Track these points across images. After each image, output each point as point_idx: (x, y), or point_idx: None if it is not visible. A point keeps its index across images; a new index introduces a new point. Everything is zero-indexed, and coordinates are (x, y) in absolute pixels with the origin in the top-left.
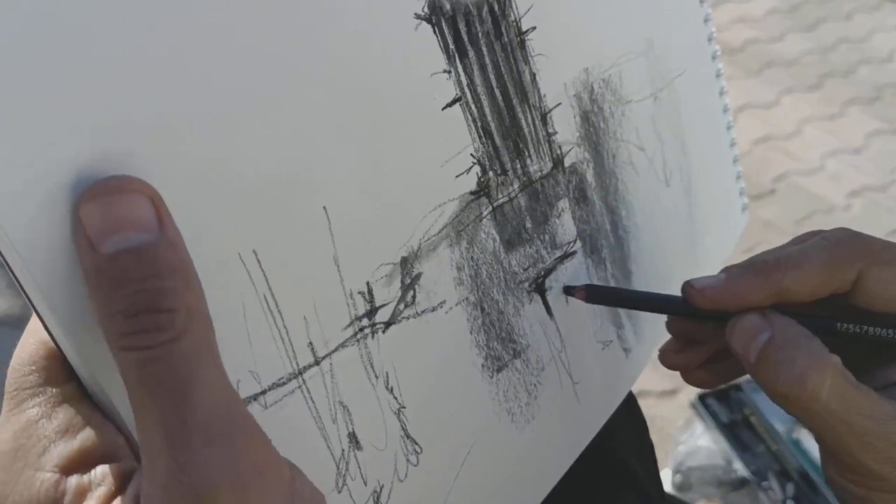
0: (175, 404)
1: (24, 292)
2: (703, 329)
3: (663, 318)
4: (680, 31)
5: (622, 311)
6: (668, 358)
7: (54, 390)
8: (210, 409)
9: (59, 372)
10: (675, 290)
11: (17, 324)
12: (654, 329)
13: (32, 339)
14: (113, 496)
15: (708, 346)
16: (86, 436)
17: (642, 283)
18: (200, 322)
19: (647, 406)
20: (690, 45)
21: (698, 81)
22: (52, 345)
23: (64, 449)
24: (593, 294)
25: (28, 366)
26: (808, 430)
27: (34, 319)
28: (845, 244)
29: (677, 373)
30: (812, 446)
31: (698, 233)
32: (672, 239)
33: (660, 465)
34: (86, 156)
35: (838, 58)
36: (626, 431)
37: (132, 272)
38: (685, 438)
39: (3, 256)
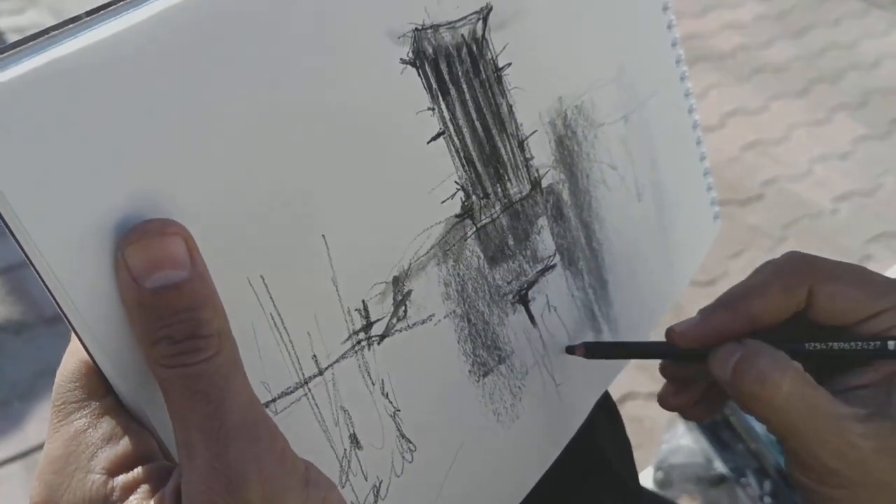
0: (212, 410)
1: (69, 321)
2: (693, 370)
3: (640, 324)
4: (649, 56)
5: (602, 320)
6: (666, 401)
7: (96, 403)
8: (240, 413)
9: (98, 387)
10: (650, 297)
11: (17, 329)
12: (631, 333)
13: (73, 359)
14: (154, 490)
15: (699, 385)
16: (126, 442)
17: (617, 291)
18: (229, 342)
19: (635, 407)
20: (659, 68)
21: (668, 102)
22: (92, 364)
23: (110, 453)
24: (591, 350)
25: (72, 382)
26: (773, 433)
27: (74, 341)
28: (795, 266)
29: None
30: None
31: (670, 242)
32: (645, 249)
33: (646, 462)
34: (123, 202)
35: (826, 64)
36: (606, 430)
37: (173, 305)
38: (668, 438)
39: (50, 292)
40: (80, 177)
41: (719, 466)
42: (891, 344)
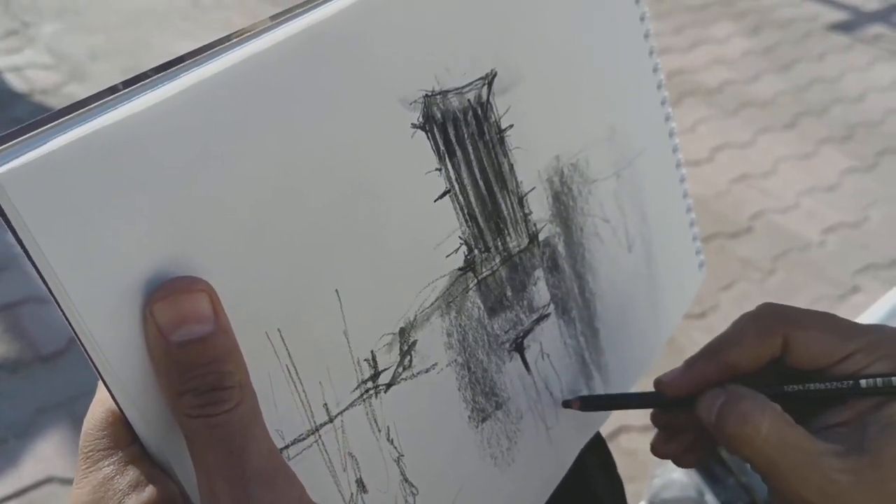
0: (235, 458)
1: (99, 374)
2: (682, 418)
3: (629, 371)
4: (639, 115)
5: (593, 366)
6: (658, 449)
7: (122, 452)
8: (260, 461)
9: (125, 436)
10: (639, 343)
11: (13, 368)
12: (621, 380)
13: (101, 408)
14: None
15: (689, 433)
16: (151, 489)
17: (608, 339)
18: (249, 392)
19: (628, 440)
20: (649, 125)
21: (657, 157)
22: (119, 414)
23: (136, 500)
24: (587, 403)
25: (100, 431)
26: (757, 471)
27: (101, 390)
28: (769, 316)
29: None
30: None
31: (659, 291)
32: (634, 298)
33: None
34: (153, 263)
35: (812, 98)
36: (596, 471)
37: (198, 358)
38: (660, 472)
39: (82, 345)
40: (113, 241)
41: (711, 500)
42: (863, 382)
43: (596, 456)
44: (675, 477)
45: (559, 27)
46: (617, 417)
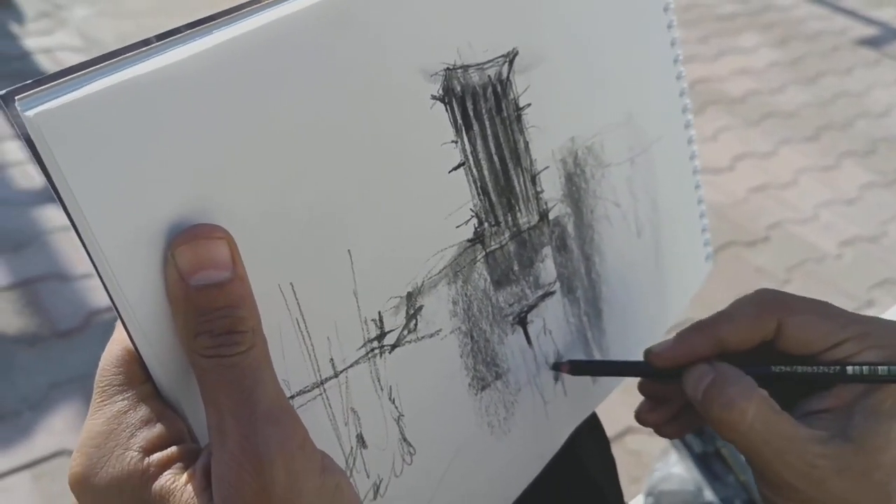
0: (245, 398)
1: (118, 311)
2: (668, 388)
3: (629, 353)
4: (657, 103)
5: (594, 346)
6: (642, 417)
7: (135, 389)
8: (268, 402)
9: (138, 374)
10: (642, 328)
11: (31, 342)
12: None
13: (118, 347)
14: (185, 468)
15: (673, 403)
16: (161, 425)
17: (611, 321)
18: (261, 338)
19: (634, 441)
20: (666, 115)
21: (672, 147)
22: (135, 352)
23: (147, 434)
24: (576, 367)
25: (116, 367)
26: (742, 453)
27: (119, 329)
28: (766, 300)
29: None
30: None
31: (664, 278)
32: (640, 283)
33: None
34: (177, 208)
35: (836, 111)
36: (590, 449)
37: (215, 302)
38: (660, 466)
39: (104, 283)
40: (140, 183)
41: (709, 496)
42: (849, 369)
43: (591, 435)
44: (675, 471)
45: (583, 12)
46: (623, 418)
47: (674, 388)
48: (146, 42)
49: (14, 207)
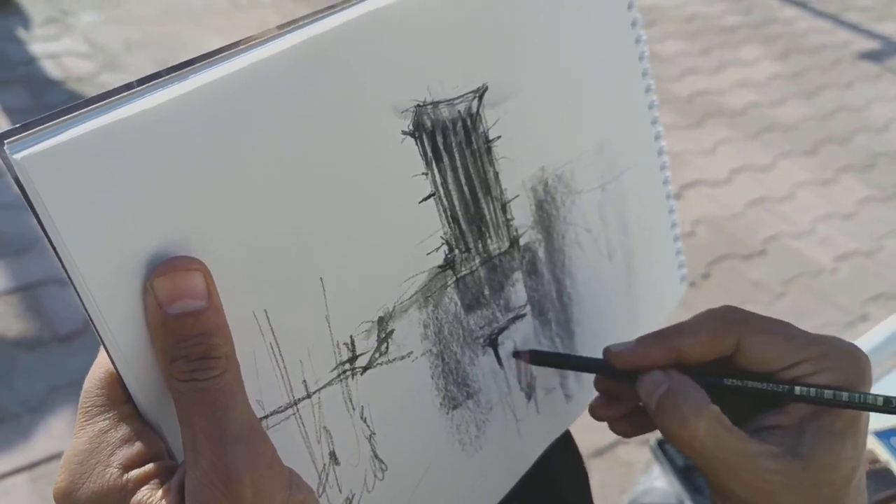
0: (217, 419)
1: (100, 338)
2: (624, 387)
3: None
4: (629, 131)
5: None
6: (596, 411)
7: (116, 409)
8: (239, 424)
9: (119, 395)
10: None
11: (31, 346)
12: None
13: (101, 370)
14: (161, 483)
15: (628, 402)
16: (140, 443)
17: (584, 342)
18: (234, 364)
19: (626, 452)
20: (638, 142)
21: (644, 174)
22: (116, 375)
23: (127, 452)
24: (536, 357)
25: (99, 389)
26: (697, 468)
27: (102, 353)
28: (728, 317)
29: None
30: None
31: (636, 300)
32: (612, 305)
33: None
34: (156, 241)
35: (836, 125)
36: (562, 465)
37: (190, 329)
38: (643, 479)
39: (87, 311)
40: (122, 219)
41: None
42: (797, 389)
43: (564, 452)
44: (657, 485)
45: (553, 46)
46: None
47: (629, 390)
48: (129, 86)
49: (16, 212)
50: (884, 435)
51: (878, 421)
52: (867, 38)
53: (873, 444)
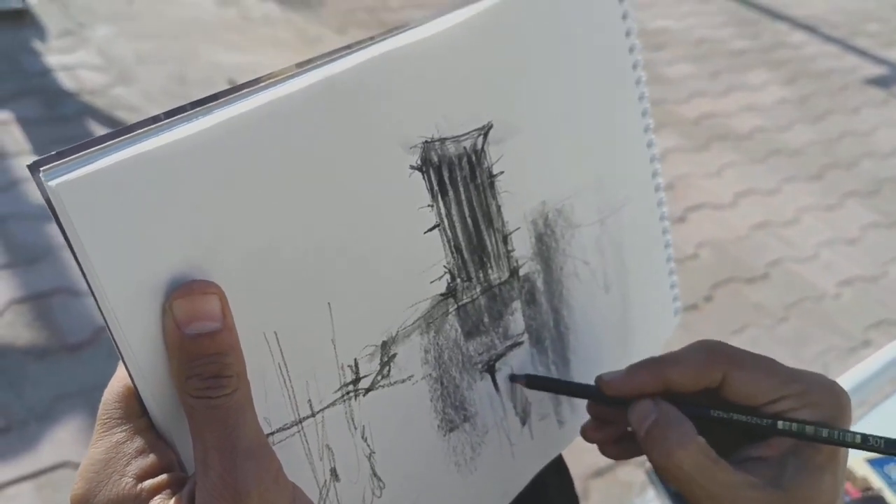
0: (228, 434)
1: (121, 354)
2: (614, 412)
3: None
4: (627, 169)
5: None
6: (587, 434)
7: (132, 422)
8: (248, 440)
9: (136, 409)
10: None
11: (40, 355)
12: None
13: (119, 384)
14: (173, 494)
15: (618, 427)
16: (154, 455)
17: (579, 370)
18: (245, 383)
19: (626, 473)
20: (636, 179)
21: (641, 209)
22: (133, 389)
23: (141, 463)
24: (532, 382)
25: (116, 402)
26: (683, 496)
27: (121, 368)
28: (714, 352)
29: None
30: None
31: (631, 331)
32: (606, 335)
33: None
34: (176, 266)
35: (842, 150)
36: (556, 487)
37: (205, 349)
38: (638, 502)
39: (109, 330)
40: (145, 244)
41: None
42: (780, 423)
43: (556, 475)
44: None
45: (556, 86)
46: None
47: (619, 414)
48: (156, 118)
49: (29, 222)
50: (877, 463)
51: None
52: (875, 63)
53: (866, 472)
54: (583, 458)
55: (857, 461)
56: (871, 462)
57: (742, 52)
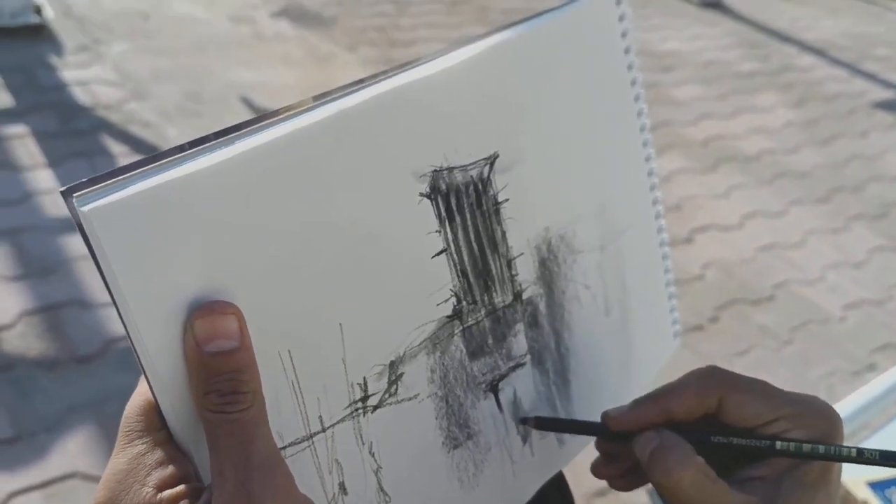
0: (243, 448)
1: (143, 370)
2: (621, 447)
3: (594, 417)
4: (629, 197)
5: (561, 411)
6: (598, 470)
7: (153, 435)
8: (262, 452)
9: (156, 422)
10: (607, 398)
11: (50, 366)
12: None
13: (140, 398)
14: (190, 503)
15: (625, 461)
16: (173, 466)
17: (579, 390)
18: (260, 399)
19: (628, 493)
20: (637, 207)
21: (641, 236)
22: (154, 404)
23: (161, 473)
24: (541, 423)
25: (138, 416)
26: None
27: (142, 383)
28: (710, 378)
29: None
30: None
31: (631, 353)
32: (607, 357)
33: None
34: (197, 288)
35: (850, 173)
36: (556, 501)
37: (223, 366)
38: None
39: (134, 346)
40: (169, 267)
41: None
42: (778, 444)
43: (557, 493)
44: None
45: (558, 117)
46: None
47: (625, 448)
48: (181, 148)
49: (43, 234)
50: (878, 486)
51: (873, 472)
52: (884, 87)
53: (867, 495)
54: (586, 478)
55: (858, 484)
56: (872, 485)
57: (750, 74)
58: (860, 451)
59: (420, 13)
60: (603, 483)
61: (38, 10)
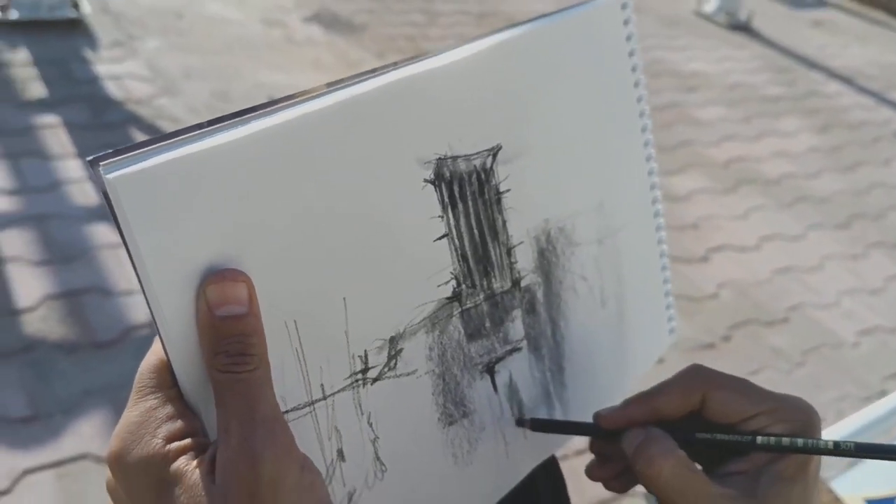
0: (248, 405)
1: (158, 330)
2: (614, 449)
3: (587, 408)
4: (628, 194)
5: (556, 398)
6: (592, 473)
7: (164, 391)
8: (265, 412)
9: (167, 380)
10: (601, 387)
11: (70, 350)
12: (579, 414)
13: (154, 357)
14: (197, 456)
15: (618, 462)
16: (181, 421)
17: (573, 377)
18: (265, 362)
19: (627, 502)
20: (636, 205)
21: (639, 233)
22: (167, 363)
23: (171, 427)
24: (536, 424)
25: (151, 373)
26: None
27: (156, 343)
28: (695, 375)
29: None
30: None
31: (625, 345)
32: (601, 347)
33: None
34: (211, 256)
35: (871, 201)
36: (547, 491)
37: (232, 330)
38: None
39: (150, 308)
40: (186, 235)
41: None
42: (759, 439)
43: (548, 475)
44: None
45: (561, 113)
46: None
47: (618, 449)
48: (199, 126)
49: (69, 221)
50: None
51: (872, 490)
52: None
53: None
54: (586, 488)
55: (856, 500)
56: (870, 502)
57: (776, 98)
58: (836, 444)
59: (449, 24)
60: (603, 496)
61: (75, 5)
